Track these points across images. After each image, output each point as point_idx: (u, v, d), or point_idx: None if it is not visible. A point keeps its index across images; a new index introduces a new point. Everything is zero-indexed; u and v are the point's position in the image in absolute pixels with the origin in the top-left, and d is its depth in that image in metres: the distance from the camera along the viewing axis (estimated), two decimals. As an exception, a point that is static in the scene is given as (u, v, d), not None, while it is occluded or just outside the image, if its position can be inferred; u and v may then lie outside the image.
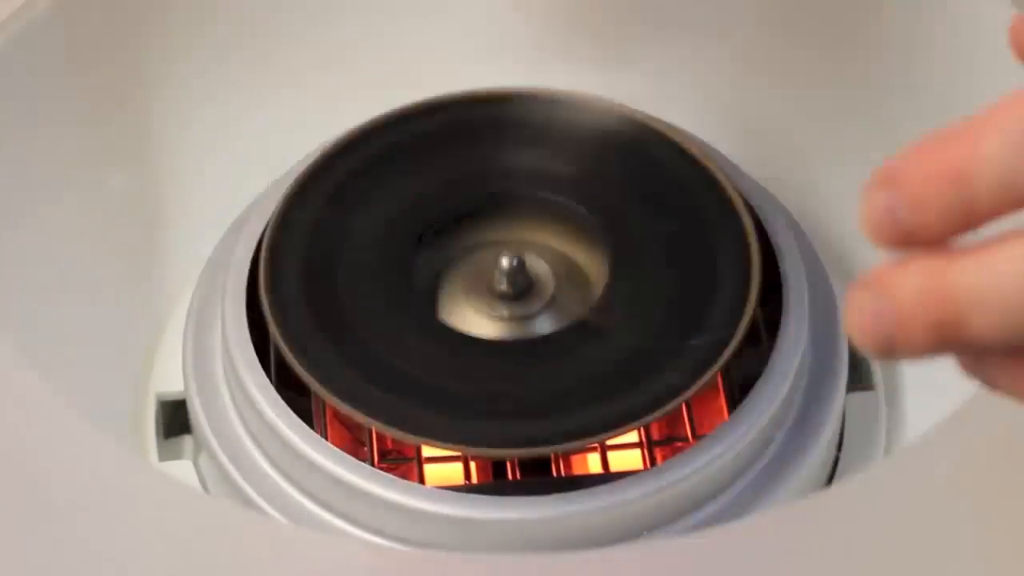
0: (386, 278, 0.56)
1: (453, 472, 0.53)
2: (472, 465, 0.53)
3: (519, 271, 0.56)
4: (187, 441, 0.59)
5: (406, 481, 0.51)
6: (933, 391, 0.59)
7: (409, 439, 0.51)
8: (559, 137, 0.58)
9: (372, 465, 0.52)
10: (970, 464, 0.44)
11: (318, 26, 0.65)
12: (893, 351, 0.33)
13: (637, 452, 0.53)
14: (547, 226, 0.59)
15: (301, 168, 0.59)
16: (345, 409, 0.51)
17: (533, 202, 0.59)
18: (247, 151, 0.66)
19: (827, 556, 0.42)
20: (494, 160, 0.59)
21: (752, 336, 0.54)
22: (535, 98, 0.59)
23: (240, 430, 0.54)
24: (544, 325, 0.56)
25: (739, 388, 0.53)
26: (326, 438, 0.52)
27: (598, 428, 0.51)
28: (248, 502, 0.53)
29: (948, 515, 0.42)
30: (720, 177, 0.57)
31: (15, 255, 0.57)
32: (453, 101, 0.60)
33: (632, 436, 0.53)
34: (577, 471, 0.53)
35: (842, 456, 0.57)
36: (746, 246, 0.55)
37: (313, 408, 0.53)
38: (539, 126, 0.58)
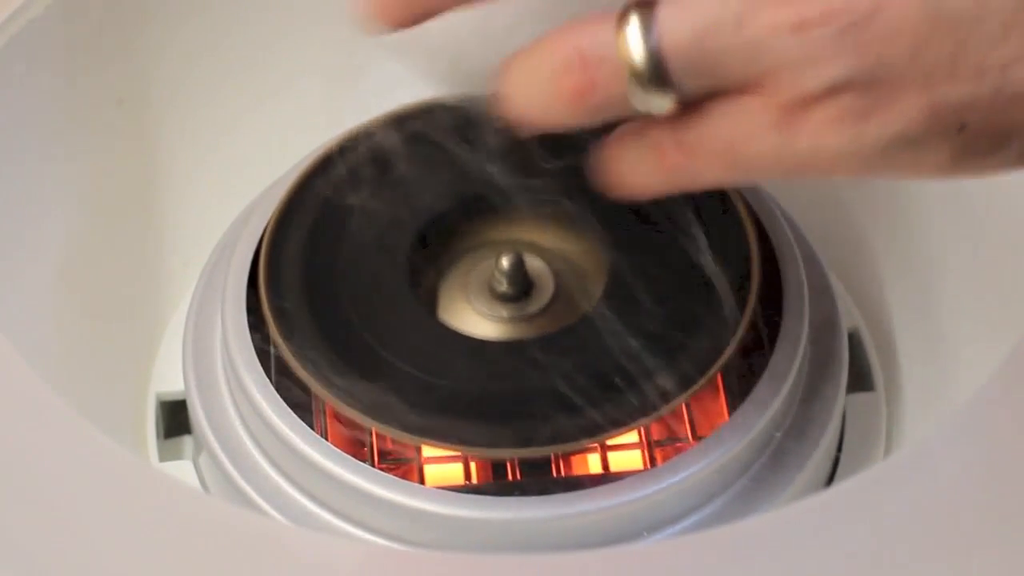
0: (386, 278, 0.56)
1: (453, 472, 0.53)
2: (472, 465, 0.53)
3: (519, 271, 0.56)
4: (187, 441, 0.59)
5: (406, 481, 0.51)
6: (933, 391, 0.59)
7: (409, 439, 0.51)
8: (560, 136, 0.58)
9: (372, 465, 0.52)
10: (970, 464, 0.44)
11: (318, 26, 0.65)
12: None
13: (637, 452, 0.53)
14: (546, 226, 0.59)
15: (301, 168, 0.58)
16: (345, 409, 0.51)
17: (532, 202, 0.59)
18: (247, 151, 0.66)
19: (827, 556, 0.42)
20: (495, 160, 0.59)
21: (752, 336, 0.54)
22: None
23: (240, 430, 0.54)
24: (544, 325, 0.56)
25: (739, 388, 0.53)
26: (326, 438, 0.52)
27: (598, 428, 0.51)
28: (248, 502, 0.53)
29: (948, 516, 0.42)
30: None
31: (15, 255, 0.57)
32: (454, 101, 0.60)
33: (632, 436, 0.53)
34: (577, 471, 0.53)
35: (842, 456, 0.57)
36: (746, 246, 0.55)
37: (313, 408, 0.53)
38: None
